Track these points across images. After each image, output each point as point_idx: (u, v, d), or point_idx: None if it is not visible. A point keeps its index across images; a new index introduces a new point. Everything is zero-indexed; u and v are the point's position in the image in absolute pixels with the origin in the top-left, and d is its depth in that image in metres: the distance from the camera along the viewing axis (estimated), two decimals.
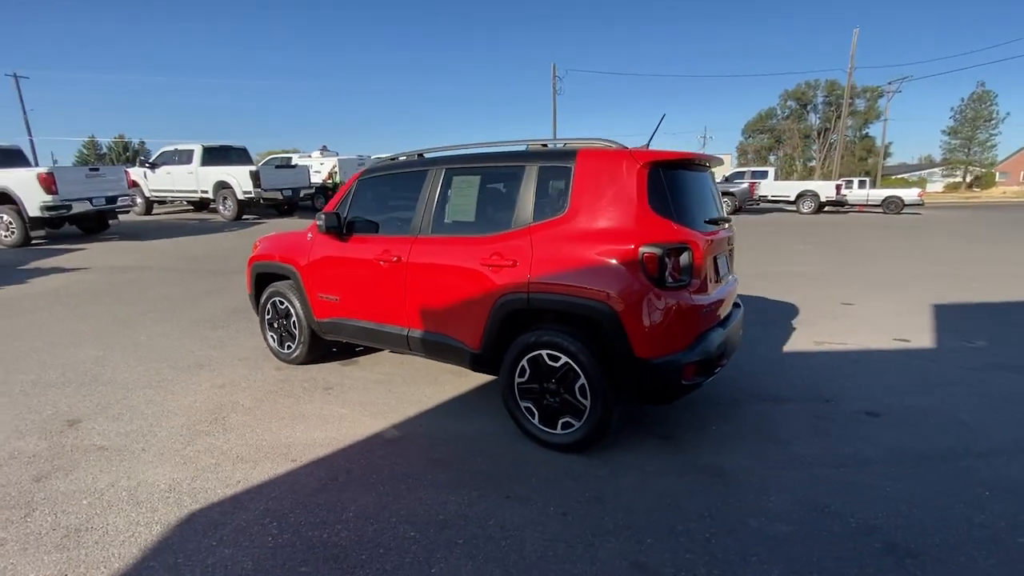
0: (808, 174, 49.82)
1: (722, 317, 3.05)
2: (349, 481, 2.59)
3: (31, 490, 2.50)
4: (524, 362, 2.84)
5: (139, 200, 14.98)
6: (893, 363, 4.19)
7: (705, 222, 2.97)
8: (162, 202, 15.72)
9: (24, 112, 34.91)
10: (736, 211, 18.86)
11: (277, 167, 14.63)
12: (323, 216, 3.58)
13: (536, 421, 2.88)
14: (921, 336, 4.82)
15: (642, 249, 2.51)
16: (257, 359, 4.28)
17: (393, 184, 3.57)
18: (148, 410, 3.38)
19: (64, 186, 9.90)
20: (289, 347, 4.14)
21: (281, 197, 14.03)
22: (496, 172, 3.13)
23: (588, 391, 2.67)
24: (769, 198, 20.64)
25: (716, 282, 2.95)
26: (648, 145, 3.43)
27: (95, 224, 11.70)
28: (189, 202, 15.55)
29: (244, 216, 14.41)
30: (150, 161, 14.84)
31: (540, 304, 2.74)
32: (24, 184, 9.76)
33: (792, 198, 20.16)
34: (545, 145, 3.04)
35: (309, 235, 3.87)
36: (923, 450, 2.85)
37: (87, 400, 3.52)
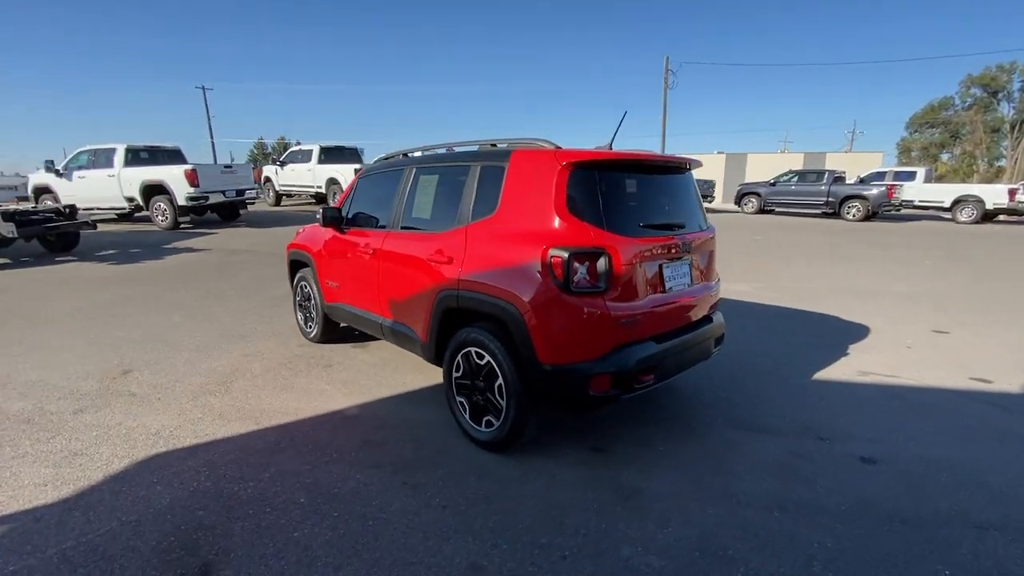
0: (996, 176, 41.15)
1: (673, 328, 2.81)
2: (288, 448, 2.89)
3: (66, 419, 3.20)
4: (459, 358, 2.91)
5: (271, 193, 17.56)
6: (946, 405, 3.45)
7: (647, 226, 2.76)
8: (289, 195, 18.14)
9: (208, 118, 42.39)
10: (868, 217, 16.39)
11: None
12: (324, 210, 3.98)
13: (467, 416, 2.93)
14: (1014, 378, 3.88)
15: (550, 252, 2.43)
16: (288, 335, 4.86)
17: (381, 182, 3.83)
18: (182, 368, 4.05)
19: (204, 180, 11.94)
20: (310, 327, 4.65)
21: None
22: (450, 171, 3.22)
23: (504, 392, 2.66)
24: (916, 203, 17.54)
25: (659, 291, 2.72)
26: (611, 145, 3.27)
27: (229, 213, 13.88)
28: (311, 196, 17.70)
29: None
30: (281, 160, 17.23)
31: (466, 302, 2.78)
32: (175, 178, 11.94)
33: (947, 204, 16.92)
34: (494, 145, 3.06)
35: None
36: (902, 509, 2.36)
37: (146, 356, 4.32)
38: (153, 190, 12.32)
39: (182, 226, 13.00)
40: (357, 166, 14.85)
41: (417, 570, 1.98)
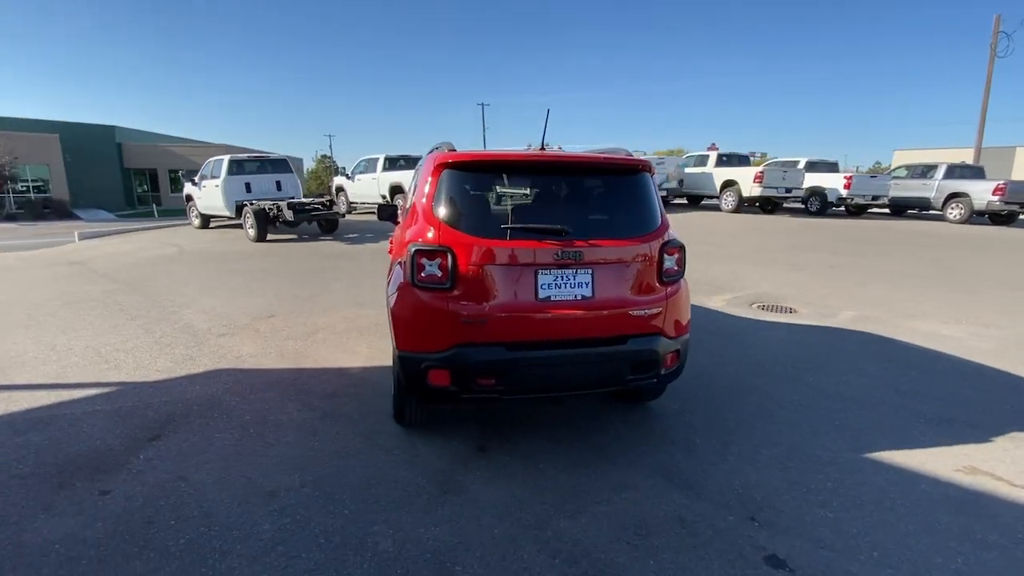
0: None
1: (542, 339, 2.66)
2: (288, 384, 3.85)
3: (206, 338, 4.88)
4: None
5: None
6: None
7: (516, 229, 2.66)
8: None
9: (484, 129, 50.26)
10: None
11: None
12: (380, 207, 4.86)
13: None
14: None
15: (408, 247, 2.67)
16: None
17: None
18: (300, 321, 5.53)
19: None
20: None
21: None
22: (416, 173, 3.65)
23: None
24: None
25: (525, 297, 2.62)
26: (543, 144, 3.16)
27: None
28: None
29: None
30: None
31: None
32: (405, 179, 14.83)
33: None
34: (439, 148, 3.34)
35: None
36: None
37: (291, 308, 6.02)
38: (396, 190, 15.37)
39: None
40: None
41: (261, 456, 2.60)
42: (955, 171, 14.81)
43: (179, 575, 1.99)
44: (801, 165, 16.50)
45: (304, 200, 12.61)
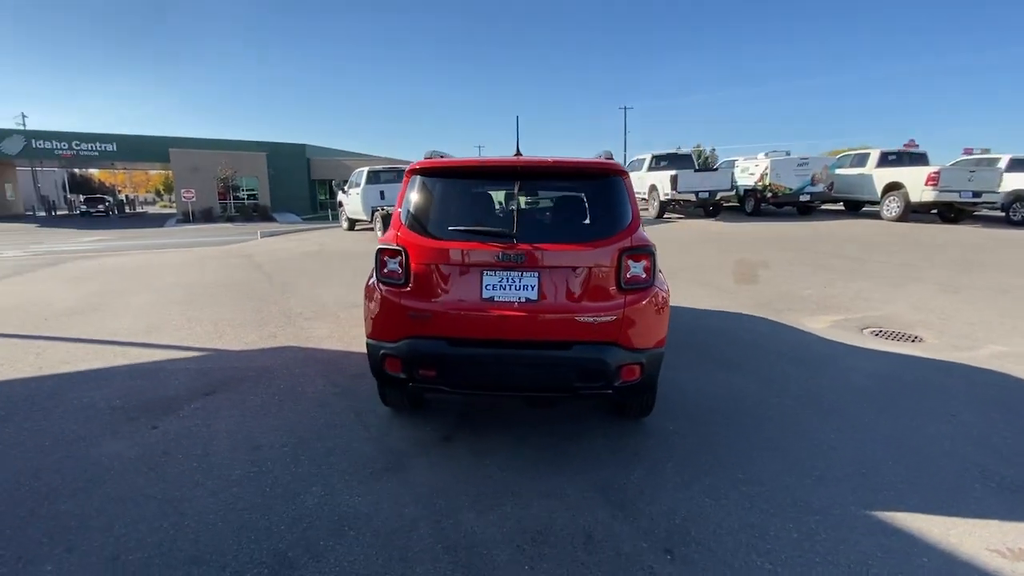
0: None
1: (484, 338, 2.72)
2: (313, 362, 4.42)
3: (298, 321, 5.79)
4: None
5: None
6: None
7: (463, 231, 2.75)
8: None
9: (625, 134, 49.46)
10: None
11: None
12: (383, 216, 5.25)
13: None
14: None
15: (376, 246, 2.95)
16: None
17: None
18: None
19: (683, 182, 14.67)
20: None
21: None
22: None
23: None
24: None
25: (470, 296, 2.70)
26: (517, 151, 3.19)
27: (709, 209, 15.81)
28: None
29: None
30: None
31: None
32: (662, 181, 15.33)
33: None
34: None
35: None
36: None
37: (353, 301, 6.78)
38: (653, 188, 16.03)
39: (665, 215, 16.31)
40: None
41: (271, 417, 3.12)
42: None
43: (158, 493, 2.53)
44: (1002, 163, 13.15)
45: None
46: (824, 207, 17.04)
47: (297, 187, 36.29)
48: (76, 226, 26.11)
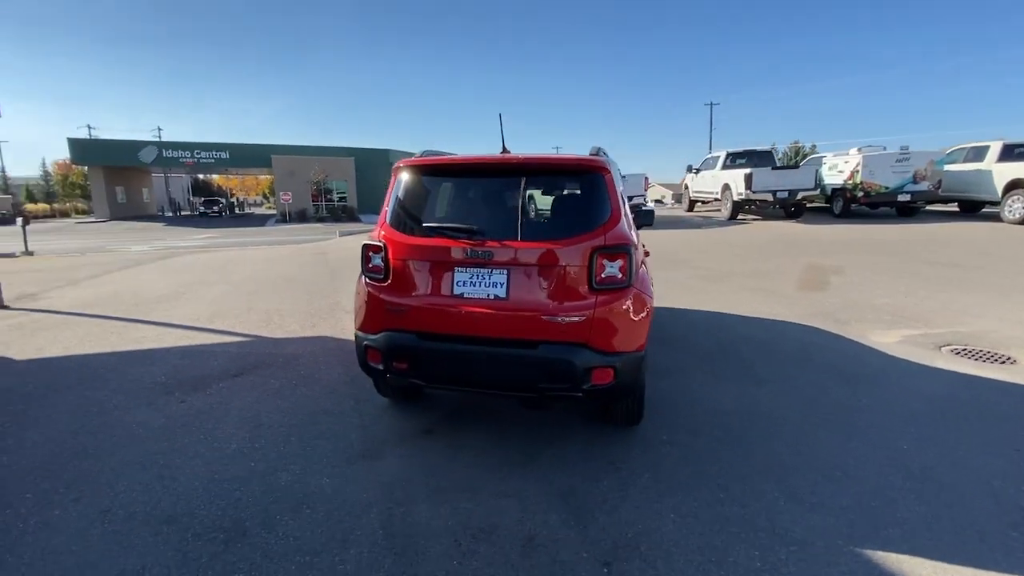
0: None
1: (454, 333, 2.73)
2: (338, 351, 4.63)
3: (327, 313, 6.15)
4: None
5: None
6: None
7: (435, 228, 2.77)
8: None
9: (711, 130, 47.06)
10: None
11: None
12: None
13: None
14: None
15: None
16: None
17: None
18: None
19: (758, 181, 13.77)
20: None
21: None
22: None
23: None
24: None
25: (441, 292, 2.73)
26: (503, 147, 3.15)
27: (790, 210, 14.71)
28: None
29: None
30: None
31: None
32: (736, 179, 14.60)
33: None
34: None
35: None
36: None
37: None
38: (726, 188, 15.27)
39: (739, 217, 15.49)
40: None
41: (282, 400, 3.38)
42: None
43: (164, 460, 2.82)
44: None
45: None
46: (931, 208, 15.08)
47: (381, 189, 38.01)
48: (194, 225, 29.69)
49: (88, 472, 2.72)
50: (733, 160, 15.81)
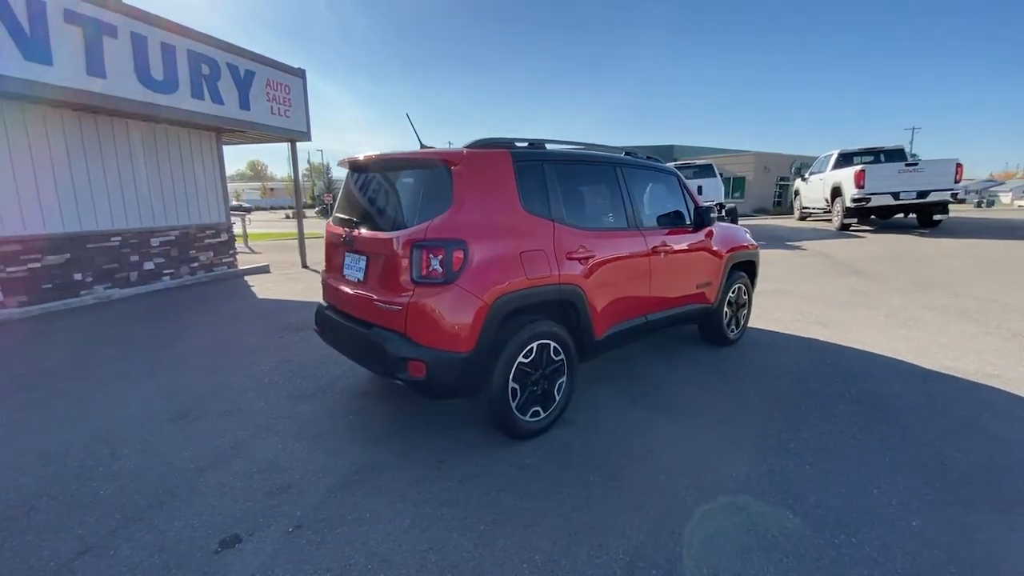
0: None
1: (339, 309, 3.40)
2: None
3: None
4: None
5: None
6: None
7: (337, 217, 3.54)
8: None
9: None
10: None
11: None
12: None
13: None
14: None
15: None
16: None
17: None
18: None
19: (872, 181, 11.79)
20: None
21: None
22: None
23: None
24: None
25: (337, 272, 3.41)
26: (419, 144, 3.56)
27: (923, 218, 12.76)
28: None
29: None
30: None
31: None
32: (848, 179, 12.50)
33: None
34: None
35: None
36: None
37: None
38: (836, 191, 13.33)
39: (851, 228, 13.26)
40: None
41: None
42: None
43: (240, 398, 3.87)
44: None
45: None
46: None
47: None
48: None
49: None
50: (847, 161, 13.62)
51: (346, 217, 3.43)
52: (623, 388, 4.00)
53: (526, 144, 3.28)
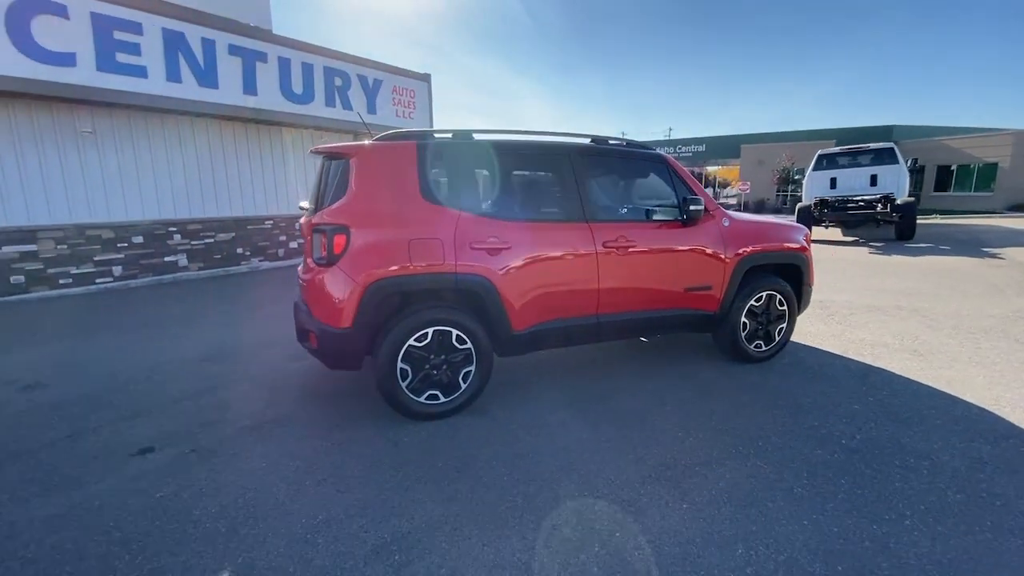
0: None
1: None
2: None
3: None
4: None
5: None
6: None
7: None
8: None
9: None
10: None
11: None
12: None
13: None
14: None
15: None
16: None
17: None
18: None
19: None
20: None
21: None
22: None
23: None
24: None
25: (307, 259, 3.35)
26: (371, 133, 3.61)
27: None
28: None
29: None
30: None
31: None
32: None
33: None
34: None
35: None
36: None
37: None
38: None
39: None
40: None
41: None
42: None
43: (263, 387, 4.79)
44: None
45: (844, 196, 11.37)
46: None
47: None
48: None
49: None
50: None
51: (304, 206, 3.77)
52: (573, 389, 3.77)
53: (449, 135, 3.33)
